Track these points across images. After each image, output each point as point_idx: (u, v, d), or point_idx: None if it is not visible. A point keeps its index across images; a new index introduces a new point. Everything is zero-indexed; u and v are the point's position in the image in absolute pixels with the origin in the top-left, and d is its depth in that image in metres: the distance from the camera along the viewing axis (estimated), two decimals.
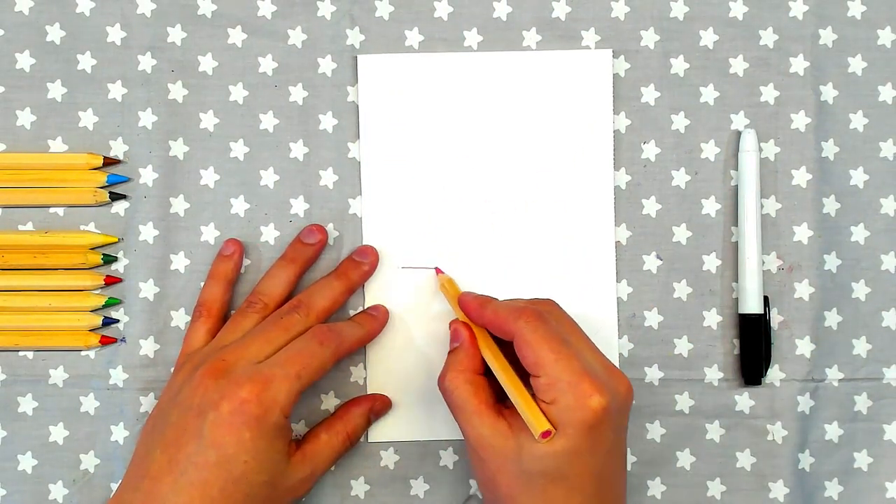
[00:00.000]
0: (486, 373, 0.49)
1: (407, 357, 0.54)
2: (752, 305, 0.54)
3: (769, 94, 0.55)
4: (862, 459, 0.55)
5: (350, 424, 0.52)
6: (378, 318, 0.54)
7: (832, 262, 0.55)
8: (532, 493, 0.45)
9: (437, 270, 0.54)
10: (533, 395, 0.46)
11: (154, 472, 0.46)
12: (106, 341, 0.54)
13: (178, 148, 0.55)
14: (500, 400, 0.48)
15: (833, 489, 0.55)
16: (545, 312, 0.47)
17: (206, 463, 0.45)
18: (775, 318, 0.55)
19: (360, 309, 0.54)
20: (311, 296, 0.51)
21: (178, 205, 0.55)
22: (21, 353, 0.54)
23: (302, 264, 0.53)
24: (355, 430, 0.52)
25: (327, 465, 0.51)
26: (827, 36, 0.55)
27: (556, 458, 0.44)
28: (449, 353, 0.50)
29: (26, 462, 0.54)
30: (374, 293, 0.55)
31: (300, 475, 0.49)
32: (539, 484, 0.45)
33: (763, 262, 0.55)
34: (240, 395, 0.46)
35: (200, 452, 0.45)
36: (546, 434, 0.44)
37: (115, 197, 0.54)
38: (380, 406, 0.54)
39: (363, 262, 0.54)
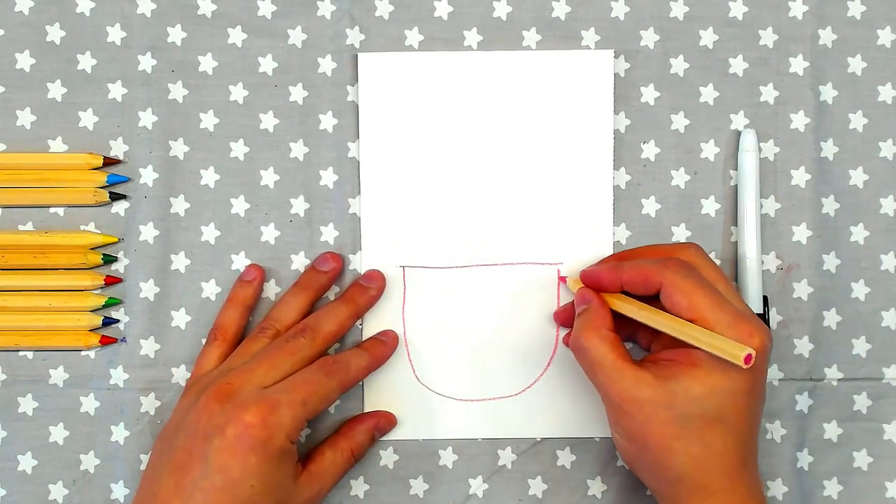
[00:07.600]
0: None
1: (406, 356, 0.54)
2: (752, 305, 0.54)
3: (769, 94, 0.55)
4: (861, 459, 0.55)
5: (354, 442, 0.52)
6: (388, 344, 0.53)
7: (831, 262, 0.55)
8: (688, 438, 0.45)
9: (562, 279, 0.53)
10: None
11: (162, 496, 0.46)
12: (106, 341, 0.54)
13: (178, 148, 0.55)
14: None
15: (832, 488, 0.55)
16: (689, 263, 0.48)
17: (212, 487, 0.45)
18: (774, 318, 0.55)
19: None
20: (318, 320, 0.51)
21: (179, 205, 0.55)
22: (21, 353, 0.54)
23: (315, 292, 0.53)
24: (360, 448, 0.52)
25: (333, 483, 0.51)
26: (827, 36, 0.55)
27: (715, 398, 0.45)
28: (577, 315, 0.49)
29: (26, 462, 0.54)
30: None
31: (308, 494, 0.49)
32: (695, 428, 0.45)
33: (762, 262, 0.55)
34: (245, 419, 0.46)
35: (207, 477, 0.45)
36: (749, 358, 0.44)
37: (115, 197, 0.54)
38: (384, 423, 0.54)
39: (370, 287, 0.53)
